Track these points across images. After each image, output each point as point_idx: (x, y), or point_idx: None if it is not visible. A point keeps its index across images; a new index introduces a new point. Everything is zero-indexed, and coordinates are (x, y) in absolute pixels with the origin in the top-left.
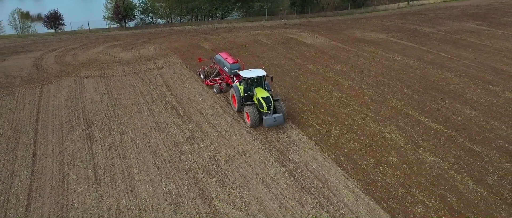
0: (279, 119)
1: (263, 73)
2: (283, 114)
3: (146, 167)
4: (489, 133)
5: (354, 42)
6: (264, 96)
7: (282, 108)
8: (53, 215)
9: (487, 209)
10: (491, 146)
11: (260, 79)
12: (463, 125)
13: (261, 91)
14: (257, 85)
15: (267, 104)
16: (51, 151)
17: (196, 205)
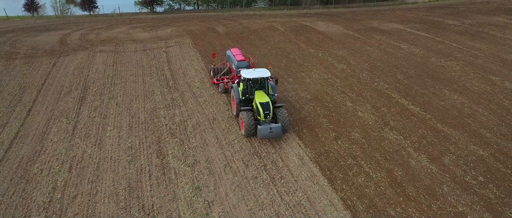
0: (277, 130)
1: (267, 74)
2: (283, 124)
3: (120, 126)
4: (468, 118)
5: (367, 31)
6: (263, 101)
7: (284, 118)
8: (26, 157)
9: (431, 184)
10: (464, 129)
11: (262, 81)
12: (443, 109)
13: (262, 95)
14: (259, 88)
15: (265, 111)
16: (45, 108)
17: (150, 159)
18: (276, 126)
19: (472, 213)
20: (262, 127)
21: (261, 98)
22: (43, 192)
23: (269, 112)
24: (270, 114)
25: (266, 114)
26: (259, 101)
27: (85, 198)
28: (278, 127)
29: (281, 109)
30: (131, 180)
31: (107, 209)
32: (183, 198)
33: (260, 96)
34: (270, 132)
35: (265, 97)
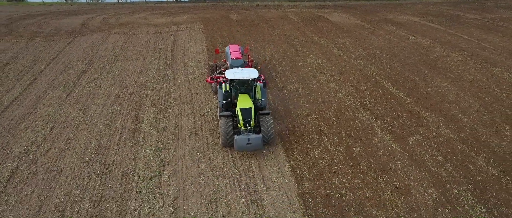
0: (256, 142)
1: (254, 75)
2: (266, 135)
3: (109, 95)
4: (450, 103)
5: (379, 22)
6: (244, 106)
7: (267, 128)
8: (17, 117)
9: (386, 160)
10: (442, 114)
11: (248, 83)
12: (427, 95)
13: (245, 99)
14: (245, 90)
15: (245, 119)
16: (47, 78)
17: (125, 123)
18: (256, 137)
19: (416, 188)
20: (239, 138)
21: (244, 103)
22: (22, 145)
23: (250, 120)
24: (252, 123)
25: (246, 122)
26: (240, 107)
27: (57, 152)
28: (258, 138)
29: (266, 117)
30: (102, 140)
31: (72, 161)
32: (143, 157)
33: (243, 100)
34: (248, 143)
35: (248, 102)
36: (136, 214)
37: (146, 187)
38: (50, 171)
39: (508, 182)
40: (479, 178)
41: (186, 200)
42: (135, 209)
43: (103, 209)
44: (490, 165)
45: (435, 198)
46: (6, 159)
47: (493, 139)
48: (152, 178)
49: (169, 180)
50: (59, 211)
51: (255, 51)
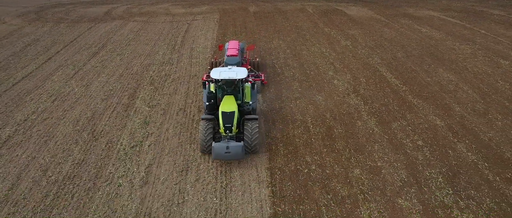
0: (236, 151)
1: (242, 75)
2: (249, 144)
3: (113, 74)
4: (447, 93)
5: (396, 16)
6: (226, 110)
7: (251, 135)
8: (26, 90)
9: (364, 142)
10: (435, 102)
11: (235, 84)
12: (425, 84)
13: (229, 101)
14: (233, 92)
15: (225, 124)
16: (61, 58)
17: (121, 99)
18: (235, 145)
19: (387, 168)
20: (217, 145)
21: (227, 106)
22: (24, 113)
23: (231, 126)
24: (233, 129)
25: (226, 127)
26: (223, 110)
27: (53, 121)
28: (239, 147)
29: (251, 123)
30: (96, 112)
31: (64, 129)
32: (130, 129)
33: (227, 103)
34: (227, 152)
35: (232, 105)
36: (111, 176)
37: (126, 154)
38: (42, 137)
39: (485, 168)
40: (456, 163)
41: (160, 167)
42: (110, 172)
43: (82, 170)
44: (471, 151)
45: (404, 178)
46: (7, 125)
47: (482, 128)
48: (133, 146)
49: (148, 149)
50: (43, 170)
51: (262, 39)
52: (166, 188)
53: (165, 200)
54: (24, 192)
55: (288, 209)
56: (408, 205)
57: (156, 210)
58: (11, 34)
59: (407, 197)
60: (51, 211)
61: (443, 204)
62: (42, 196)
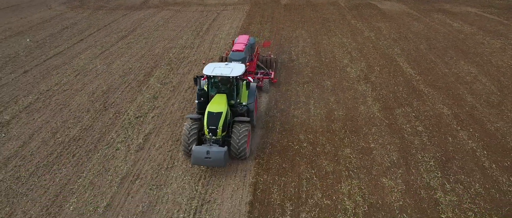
0: (216, 157)
1: (237, 73)
2: (237, 150)
3: (135, 55)
4: (463, 84)
5: (430, 11)
6: (214, 110)
7: (238, 140)
8: (53, 66)
9: (362, 125)
10: (447, 92)
11: (230, 81)
12: (441, 75)
13: (219, 101)
14: (227, 90)
15: (210, 126)
16: (93, 40)
17: (137, 76)
18: (217, 151)
19: (379, 150)
20: (196, 149)
21: (215, 106)
22: (47, 84)
23: (216, 128)
24: (219, 132)
25: (211, 129)
26: (209, 110)
27: (71, 92)
28: (220, 152)
29: (240, 126)
30: (112, 86)
31: (80, 99)
32: (138, 102)
33: (217, 102)
34: (207, 157)
35: (222, 104)
36: (111, 141)
37: (130, 123)
38: (59, 105)
39: (483, 155)
40: (452, 149)
41: (158, 136)
42: (112, 138)
43: (87, 135)
44: (472, 139)
45: (393, 160)
46: (31, 93)
47: (491, 118)
48: (138, 117)
49: (151, 120)
50: (53, 133)
51: (286, 29)
52: (159, 154)
53: (155, 164)
54: (32, 150)
55: (270, 179)
56: (391, 184)
57: (145, 172)
58: (54, 18)
59: (392, 177)
60: (51, 167)
61: (428, 185)
62: (47, 154)
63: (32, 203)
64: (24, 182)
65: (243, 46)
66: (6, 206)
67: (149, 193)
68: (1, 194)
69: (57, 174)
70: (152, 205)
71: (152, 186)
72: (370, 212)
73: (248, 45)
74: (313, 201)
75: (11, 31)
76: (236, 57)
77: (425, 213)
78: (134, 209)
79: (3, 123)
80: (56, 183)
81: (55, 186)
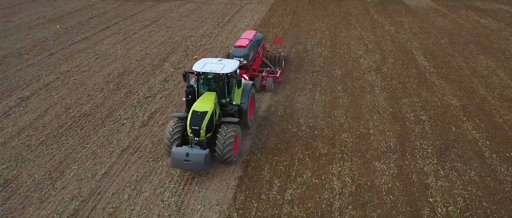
0: (196, 160)
1: (229, 69)
2: (221, 153)
3: (154, 42)
4: (478, 77)
5: (459, 8)
6: (199, 109)
7: (223, 142)
8: (77, 50)
9: (365, 112)
10: (460, 85)
11: (222, 78)
12: (456, 68)
13: (207, 99)
14: (216, 88)
15: (192, 126)
16: (117, 28)
17: (153, 60)
18: (197, 154)
19: (377, 135)
20: (175, 150)
21: (201, 104)
22: (68, 66)
23: (198, 129)
24: (202, 133)
25: (193, 130)
26: (194, 108)
27: (89, 73)
28: (200, 156)
29: (227, 127)
30: (127, 69)
31: (96, 80)
32: (150, 84)
33: (204, 100)
34: (186, 160)
35: (208, 103)
36: (119, 118)
37: (138, 102)
38: (76, 84)
39: (484, 145)
40: (454, 138)
41: (162, 114)
42: (119, 114)
43: (97, 111)
44: (477, 130)
45: (390, 145)
46: (52, 73)
47: (501, 111)
48: (147, 97)
49: (158, 100)
50: (66, 108)
51: (306, 22)
52: (160, 131)
53: (156, 140)
54: (45, 122)
55: (263, 158)
56: (383, 167)
57: (145, 146)
58: (85, 8)
59: (386, 162)
60: (60, 138)
61: (421, 171)
62: (58, 126)
63: (37, 168)
64: (33, 149)
65: (247, 42)
66: (14, 169)
67: (146, 165)
68: (11, 159)
69: (64, 144)
70: (146, 175)
71: (149, 158)
72: (356, 192)
73: (254, 41)
74: (301, 179)
75: (44, 19)
76: (238, 53)
77: (412, 196)
78: (129, 177)
79: (23, 98)
80: (61, 152)
81: (60, 154)
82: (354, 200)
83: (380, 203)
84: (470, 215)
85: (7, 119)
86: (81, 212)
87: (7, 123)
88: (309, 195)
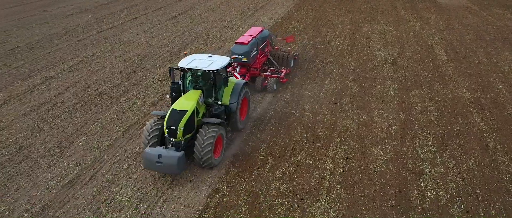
0: (170, 163)
1: (217, 66)
2: (200, 156)
3: (177, 31)
4: (497, 73)
5: (492, 6)
6: (180, 107)
7: (202, 144)
8: (104, 37)
9: (373, 101)
10: (476, 79)
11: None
12: (475, 63)
13: (190, 97)
14: (203, 85)
15: (169, 126)
16: (145, 19)
17: (172, 48)
18: (171, 156)
19: (380, 123)
20: (148, 151)
21: (182, 103)
22: (93, 51)
23: (175, 129)
24: (179, 133)
25: (170, 130)
26: (174, 106)
27: (111, 58)
28: (173, 158)
29: (207, 128)
30: (147, 55)
31: (116, 64)
32: (166, 68)
33: (186, 99)
34: (158, 162)
35: (190, 102)
36: (131, 97)
37: (152, 85)
38: (97, 67)
39: (490, 136)
40: (459, 128)
41: None
42: (133, 94)
43: (113, 91)
44: (485, 122)
45: (391, 132)
46: (77, 57)
47: None
48: (161, 80)
49: None
50: (85, 87)
51: (329, 16)
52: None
53: None
54: (64, 98)
55: (262, 138)
56: (380, 153)
57: None
58: (117, 0)
59: (383, 147)
60: (75, 113)
61: (418, 157)
62: (74, 102)
63: (50, 138)
64: (49, 121)
65: (249, 39)
66: (29, 138)
67: None
68: (28, 129)
69: (77, 118)
70: None
71: None
72: (348, 173)
73: (258, 39)
74: (295, 159)
75: (78, 9)
76: (239, 50)
77: (404, 179)
78: (132, 150)
79: (48, 77)
80: (74, 125)
81: (72, 127)
82: (343, 180)
83: (370, 184)
84: (460, 201)
85: (30, 95)
86: (83, 177)
87: (30, 98)
88: (300, 174)
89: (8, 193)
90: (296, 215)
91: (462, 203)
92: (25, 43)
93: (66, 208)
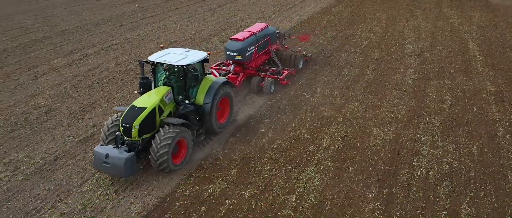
0: (117, 164)
1: (189, 61)
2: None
3: (212, 21)
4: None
5: None
6: (139, 104)
7: (158, 145)
8: (144, 24)
9: (387, 88)
10: (503, 73)
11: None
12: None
13: (155, 94)
14: (175, 81)
15: (123, 123)
16: (185, 9)
17: (204, 35)
18: (119, 157)
19: (388, 108)
20: (97, 150)
21: (143, 100)
22: (131, 35)
23: (129, 127)
24: (133, 132)
25: (125, 128)
26: (134, 103)
27: (147, 41)
28: (121, 159)
29: (166, 128)
30: (179, 40)
31: (149, 46)
32: None
33: (149, 95)
34: (105, 163)
35: (154, 98)
36: None
37: None
38: (131, 48)
39: (501, 126)
40: (470, 117)
41: None
42: None
43: (131, 69)
44: (500, 113)
45: (397, 117)
46: (116, 39)
47: None
48: None
49: None
50: (116, 64)
51: (367, 12)
52: None
53: None
54: (96, 73)
55: (267, 114)
56: (380, 133)
57: None
58: None
59: (385, 129)
60: (102, 85)
61: (418, 140)
62: (103, 76)
63: (76, 103)
64: (78, 90)
65: (247, 35)
66: (59, 102)
67: None
68: (59, 95)
69: (103, 89)
70: None
71: None
72: (342, 149)
73: (258, 36)
74: (294, 134)
75: None
76: (233, 47)
77: (397, 158)
78: None
79: (86, 54)
80: (100, 94)
81: (97, 96)
82: (336, 155)
83: (361, 160)
84: (449, 181)
85: (68, 68)
86: (96, 136)
87: (67, 71)
88: (295, 147)
89: (30, 144)
90: (281, 180)
91: (450, 183)
92: (74, 27)
93: (76, 159)
